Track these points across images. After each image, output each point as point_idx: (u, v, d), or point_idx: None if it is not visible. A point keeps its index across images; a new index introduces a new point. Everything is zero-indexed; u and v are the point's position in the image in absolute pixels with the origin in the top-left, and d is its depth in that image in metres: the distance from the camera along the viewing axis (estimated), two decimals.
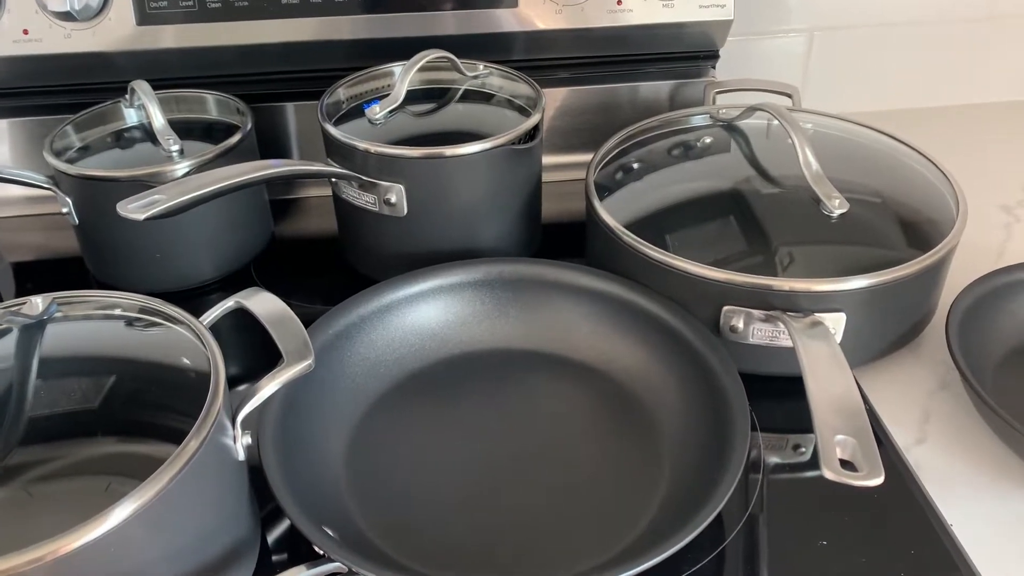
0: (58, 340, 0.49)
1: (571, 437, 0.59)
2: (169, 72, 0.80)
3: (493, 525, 0.52)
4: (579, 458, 0.57)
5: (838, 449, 0.43)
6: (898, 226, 0.65)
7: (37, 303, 0.49)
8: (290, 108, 0.85)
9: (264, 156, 0.77)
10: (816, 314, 0.57)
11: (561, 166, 0.86)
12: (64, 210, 0.70)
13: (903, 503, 0.55)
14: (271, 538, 0.53)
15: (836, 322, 0.59)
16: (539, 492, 0.55)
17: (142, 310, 0.51)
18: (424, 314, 0.64)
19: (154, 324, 0.51)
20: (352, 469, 0.55)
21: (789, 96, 0.81)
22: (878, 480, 0.42)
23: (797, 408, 0.61)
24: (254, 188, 0.75)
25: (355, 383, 0.60)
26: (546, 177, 0.76)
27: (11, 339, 0.48)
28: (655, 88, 0.88)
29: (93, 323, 0.51)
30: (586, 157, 0.74)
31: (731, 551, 0.52)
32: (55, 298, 0.50)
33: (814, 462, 0.59)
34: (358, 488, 0.54)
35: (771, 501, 0.55)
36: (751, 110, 0.73)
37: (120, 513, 0.39)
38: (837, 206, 0.63)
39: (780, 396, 0.62)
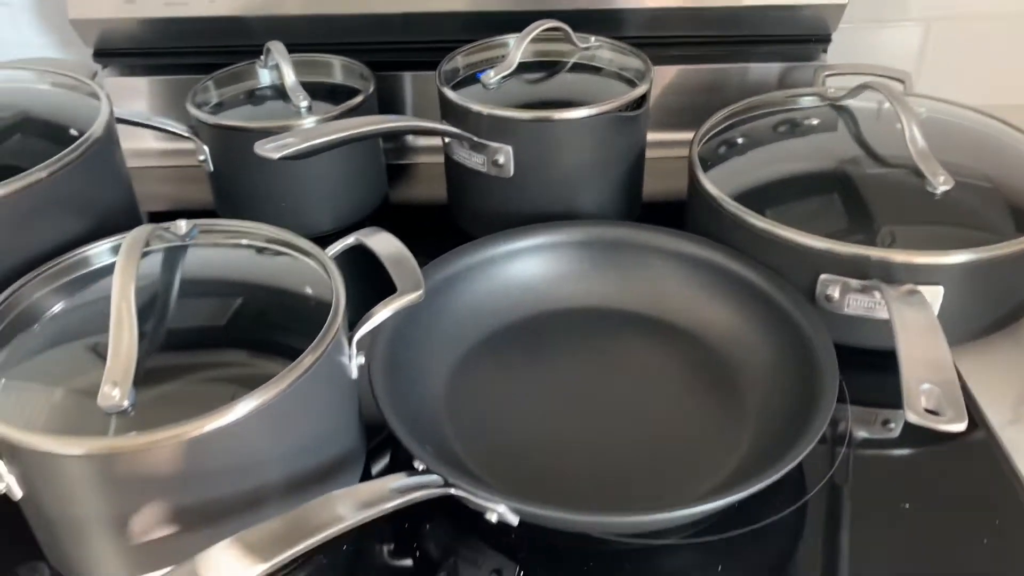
0: (198, 262, 0.55)
1: (661, 390, 0.61)
2: (297, 38, 0.85)
3: (582, 462, 0.55)
4: (668, 410, 0.59)
5: (923, 398, 0.44)
6: (1004, 208, 0.65)
7: (181, 225, 0.54)
8: (407, 77, 0.90)
9: None
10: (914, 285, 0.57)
11: (665, 143, 0.87)
12: (201, 158, 0.76)
13: (993, 478, 0.55)
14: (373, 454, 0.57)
15: (934, 296, 0.59)
16: (627, 436, 0.57)
17: (272, 240, 0.56)
18: (525, 269, 0.67)
19: (282, 253, 0.55)
20: (450, 401, 0.59)
21: (901, 82, 0.81)
22: (961, 425, 0.43)
23: (889, 383, 0.62)
24: (372, 150, 0.80)
25: (457, 327, 0.63)
26: (650, 153, 0.78)
27: (158, 257, 0.54)
28: (765, 70, 0.89)
29: (228, 249, 0.56)
30: (691, 135, 0.76)
31: (813, 504, 0.54)
32: (196, 224, 0.55)
33: (904, 438, 0.59)
34: (455, 418, 0.58)
35: (856, 473, 0.56)
36: (860, 88, 0.73)
37: (244, 407, 0.44)
38: (942, 183, 0.63)
39: (873, 369, 0.62)
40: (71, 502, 0.44)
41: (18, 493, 0.45)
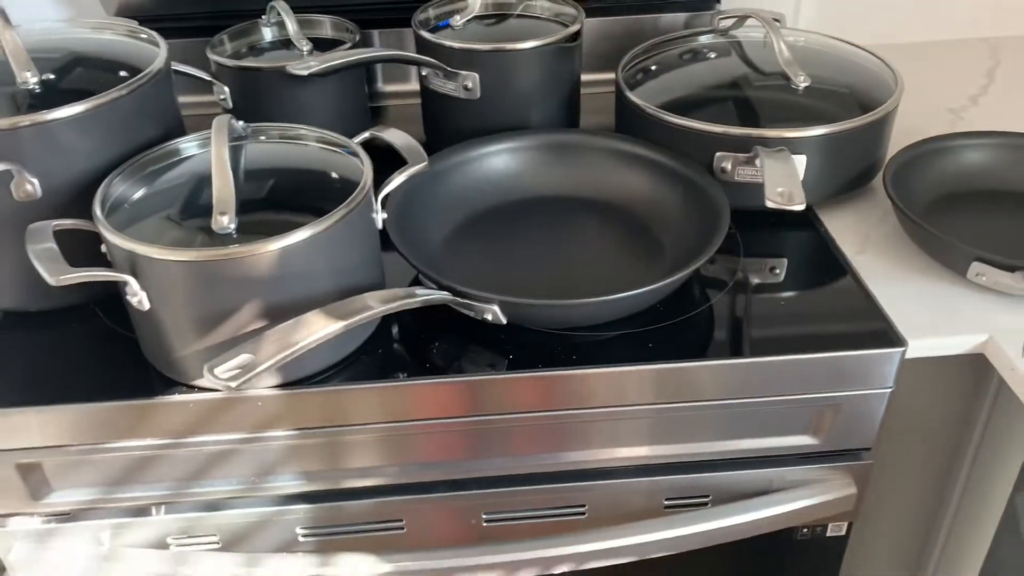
0: (255, 151, 0.72)
1: (601, 242, 0.81)
2: (292, 1, 1.02)
3: (548, 284, 0.75)
4: (608, 252, 0.80)
5: (777, 196, 0.65)
6: (852, 100, 0.86)
7: (238, 124, 0.72)
8: (377, 34, 1.08)
9: None
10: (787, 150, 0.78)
11: (593, 82, 1.08)
12: (221, 97, 0.93)
13: (847, 289, 0.76)
14: None
15: (799, 163, 0.80)
16: (578, 269, 0.78)
17: (306, 136, 0.74)
18: (495, 166, 0.87)
19: (313, 144, 0.73)
20: (447, 250, 0.79)
21: (777, 20, 1.02)
22: (801, 206, 0.64)
23: (776, 239, 0.83)
24: (358, 89, 0.98)
25: (448, 205, 0.82)
26: (583, 91, 0.98)
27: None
28: (673, 18, 1.10)
29: (276, 144, 0.74)
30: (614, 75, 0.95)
31: (718, 308, 0.74)
32: (248, 125, 0.73)
33: (787, 282, 0.79)
34: (450, 260, 0.77)
35: (751, 304, 0.76)
36: (742, 20, 0.95)
37: (306, 232, 0.62)
38: (802, 81, 0.85)
39: (761, 228, 0.83)
40: (185, 304, 0.62)
41: (147, 305, 0.63)
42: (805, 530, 0.80)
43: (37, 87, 0.71)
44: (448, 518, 0.76)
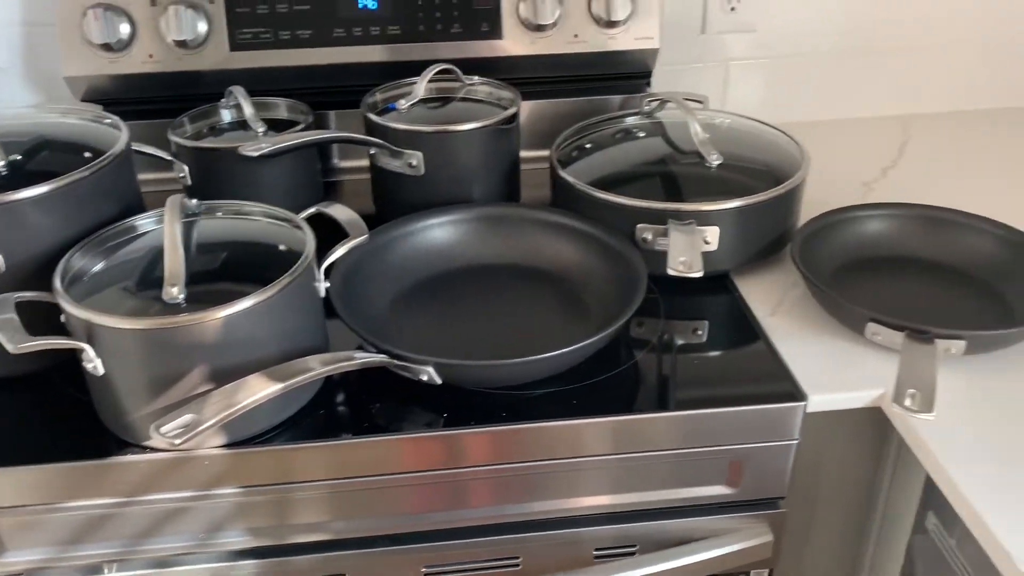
0: (207, 226, 0.78)
1: (534, 306, 0.87)
2: (250, 86, 1.09)
3: (482, 348, 0.81)
4: (539, 315, 0.86)
5: (679, 265, 0.72)
6: (761, 176, 0.94)
7: (193, 201, 0.78)
8: (332, 115, 1.15)
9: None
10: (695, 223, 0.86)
11: (535, 159, 1.15)
12: (181, 175, 0.99)
13: (755, 349, 0.83)
14: None
15: (712, 234, 0.87)
16: (511, 332, 0.83)
17: (255, 212, 0.80)
18: (437, 237, 0.93)
19: (263, 220, 0.79)
20: (390, 317, 0.85)
21: (700, 102, 1.11)
22: (698, 274, 0.71)
23: (696, 303, 0.90)
24: (311, 166, 1.05)
25: (391, 275, 0.89)
26: (525, 166, 1.06)
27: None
28: (605, 101, 1.19)
29: (227, 219, 0.80)
30: None
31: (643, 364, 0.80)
32: (202, 203, 0.79)
33: (709, 342, 0.86)
34: (392, 327, 0.83)
35: (676, 362, 0.83)
36: (661, 104, 1.04)
37: (245, 303, 0.68)
38: (715, 159, 0.93)
39: (682, 293, 0.90)
40: (136, 370, 0.67)
41: (101, 371, 0.67)
42: None
43: (4, 169, 0.76)
44: (390, 571, 0.80)
